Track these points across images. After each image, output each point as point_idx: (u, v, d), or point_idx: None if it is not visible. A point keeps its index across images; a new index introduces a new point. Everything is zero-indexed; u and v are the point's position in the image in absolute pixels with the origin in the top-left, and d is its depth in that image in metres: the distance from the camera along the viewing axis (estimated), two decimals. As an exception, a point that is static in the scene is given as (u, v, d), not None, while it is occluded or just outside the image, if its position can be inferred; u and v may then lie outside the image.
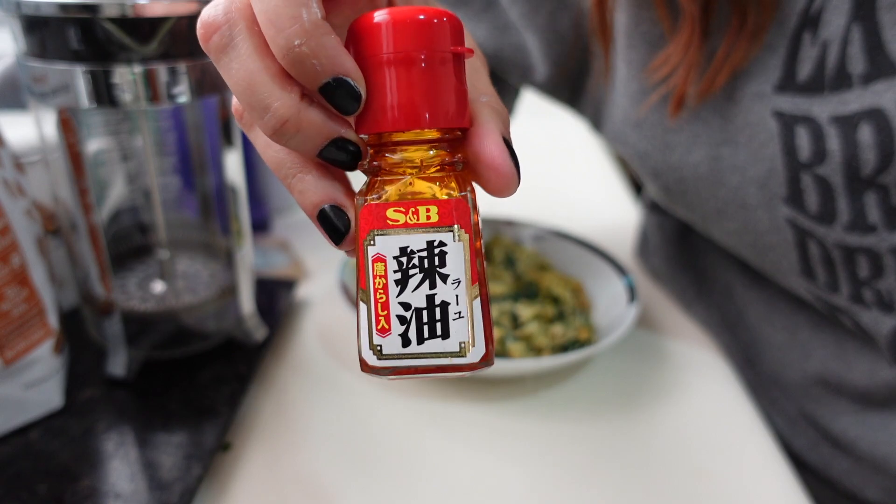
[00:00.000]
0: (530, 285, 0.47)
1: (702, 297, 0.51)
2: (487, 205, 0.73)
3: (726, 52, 0.35)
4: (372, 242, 0.21)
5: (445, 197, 0.21)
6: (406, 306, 0.21)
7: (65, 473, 0.33)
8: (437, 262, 0.21)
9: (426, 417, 0.41)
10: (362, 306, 0.21)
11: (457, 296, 0.21)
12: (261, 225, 0.63)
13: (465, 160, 0.22)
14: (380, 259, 0.21)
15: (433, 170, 0.21)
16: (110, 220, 0.46)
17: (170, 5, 0.32)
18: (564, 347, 0.43)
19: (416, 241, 0.21)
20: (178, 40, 0.33)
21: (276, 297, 0.50)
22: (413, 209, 0.21)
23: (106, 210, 0.46)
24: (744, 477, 0.37)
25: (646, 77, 0.40)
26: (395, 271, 0.21)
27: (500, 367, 0.42)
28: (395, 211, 0.21)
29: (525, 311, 0.44)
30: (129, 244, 0.47)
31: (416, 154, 0.21)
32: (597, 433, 0.40)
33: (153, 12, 0.32)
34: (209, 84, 0.36)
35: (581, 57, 0.45)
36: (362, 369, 0.21)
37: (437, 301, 0.21)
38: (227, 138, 0.39)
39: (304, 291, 0.53)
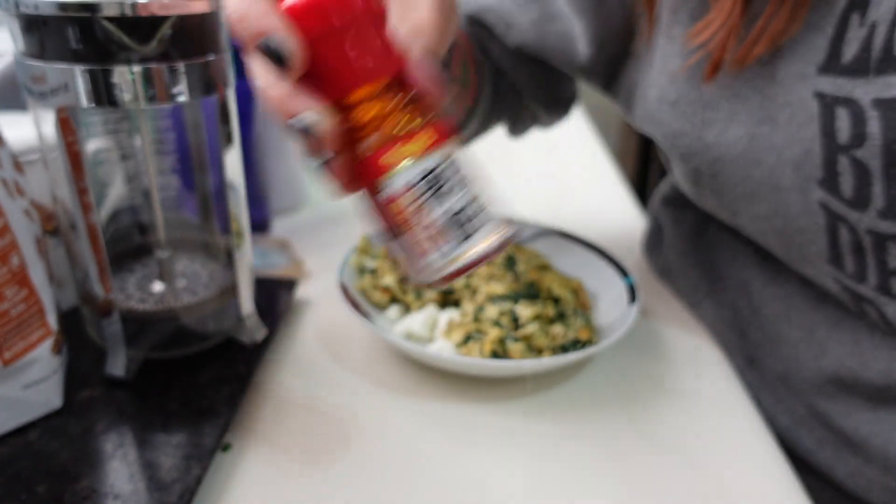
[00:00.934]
0: (531, 285, 0.47)
1: (714, 294, 0.51)
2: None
3: (767, 19, 0.35)
4: (380, 190, 0.24)
5: (420, 129, 0.24)
6: (431, 226, 0.24)
7: (64, 474, 0.33)
8: (440, 182, 0.24)
9: (426, 417, 0.40)
10: (395, 245, 0.25)
11: (467, 200, 0.25)
12: (260, 225, 0.63)
13: (418, 88, 0.24)
14: (391, 201, 0.24)
15: (398, 111, 0.24)
16: (109, 219, 0.46)
17: (169, 4, 0.32)
18: (565, 348, 0.43)
19: (415, 174, 0.24)
20: (177, 40, 0.33)
21: (275, 297, 0.49)
22: (400, 149, 0.24)
23: (105, 210, 0.45)
24: (744, 477, 0.37)
25: (687, 50, 0.40)
26: (409, 204, 0.24)
27: (500, 367, 0.42)
28: (386, 157, 0.24)
29: (525, 311, 0.44)
30: (128, 244, 0.47)
31: (377, 105, 0.24)
32: (597, 433, 0.40)
33: (152, 11, 0.31)
34: (208, 83, 0.35)
35: (624, 40, 0.46)
36: (420, 286, 0.26)
37: (455, 210, 0.24)
38: (227, 138, 0.39)
39: (303, 291, 0.53)
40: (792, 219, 0.39)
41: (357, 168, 0.24)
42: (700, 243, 0.53)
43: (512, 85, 0.54)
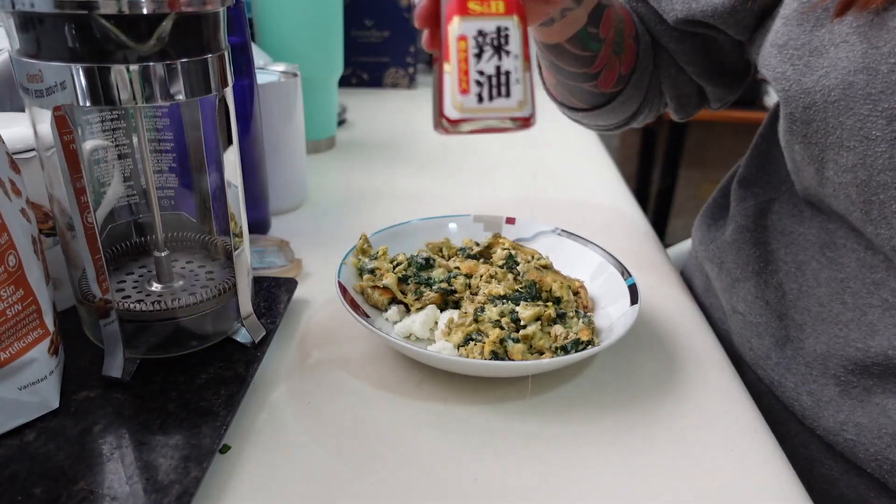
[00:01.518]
0: (531, 286, 0.47)
1: (762, 273, 0.52)
2: (490, 205, 0.72)
3: None
4: (457, 25, 0.30)
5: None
6: (480, 73, 0.30)
7: (61, 476, 0.33)
8: (503, 42, 0.30)
9: (426, 418, 0.40)
10: (446, 76, 0.30)
11: (516, 67, 0.30)
12: (259, 225, 0.62)
13: None
14: (462, 38, 0.30)
15: None
16: (107, 219, 0.46)
17: (167, 2, 0.32)
18: (565, 348, 0.43)
19: (489, 25, 0.30)
20: (175, 38, 0.33)
21: (274, 297, 0.49)
22: (486, 2, 0.30)
23: (102, 209, 0.45)
24: (744, 477, 0.37)
25: None
26: (473, 47, 0.30)
27: (500, 368, 0.41)
28: (473, 3, 0.30)
29: (526, 311, 0.44)
30: (125, 244, 0.47)
31: None
32: (598, 434, 0.40)
33: (150, 9, 0.31)
34: (207, 82, 0.35)
35: None
36: (442, 127, 0.30)
37: (503, 70, 0.30)
38: (226, 137, 0.38)
39: (302, 292, 0.53)
40: (877, 172, 0.39)
41: (451, 4, 0.30)
42: (761, 223, 0.53)
43: (675, 61, 0.58)
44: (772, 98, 2.27)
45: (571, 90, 0.59)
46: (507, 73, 0.30)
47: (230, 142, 0.39)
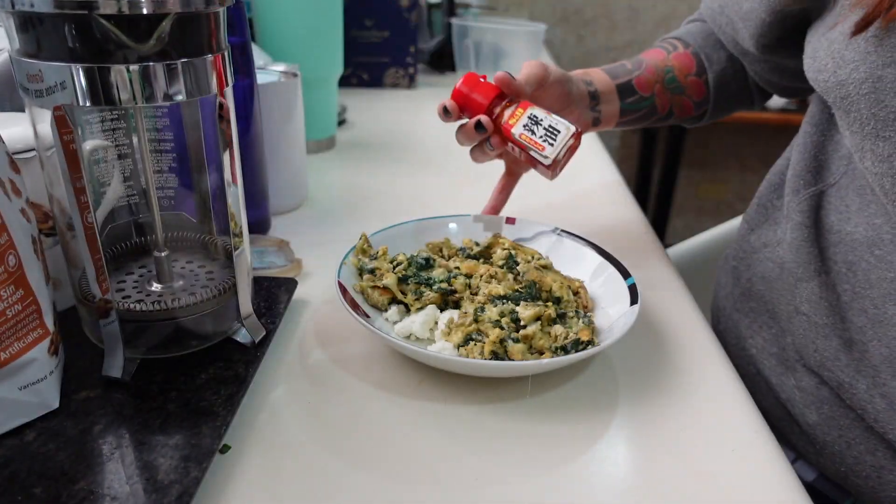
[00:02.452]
0: (531, 286, 0.47)
1: (822, 273, 0.51)
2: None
3: None
4: (514, 136, 0.52)
5: (518, 105, 0.52)
6: (539, 138, 0.51)
7: (61, 476, 0.33)
8: (535, 120, 0.52)
9: (426, 418, 0.40)
10: (531, 159, 0.52)
11: (550, 123, 0.52)
12: (259, 225, 0.62)
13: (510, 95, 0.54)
14: (521, 136, 0.52)
15: (506, 103, 0.53)
16: (107, 219, 0.46)
17: (167, 2, 0.32)
18: (565, 348, 0.43)
19: (524, 120, 0.52)
20: (175, 38, 0.33)
21: (274, 297, 0.49)
22: (514, 115, 0.52)
23: (102, 209, 0.45)
24: (744, 477, 0.37)
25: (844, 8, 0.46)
26: (527, 133, 0.52)
27: (500, 368, 0.41)
28: (509, 120, 0.52)
29: (526, 311, 0.44)
30: (125, 244, 0.47)
31: (497, 105, 0.53)
32: (597, 433, 0.40)
33: (150, 9, 0.31)
34: (207, 82, 0.35)
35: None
36: (552, 170, 0.52)
37: (545, 128, 0.51)
38: (226, 137, 0.38)
39: (302, 291, 0.53)
40: None
41: (501, 134, 0.53)
42: (815, 218, 0.53)
43: (741, 77, 0.67)
44: (772, 98, 2.27)
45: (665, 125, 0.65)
46: (550, 126, 0.51)
47: (230, 142, 0.39)
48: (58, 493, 0.32)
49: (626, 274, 0.49)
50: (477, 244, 0.53)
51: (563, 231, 0.56)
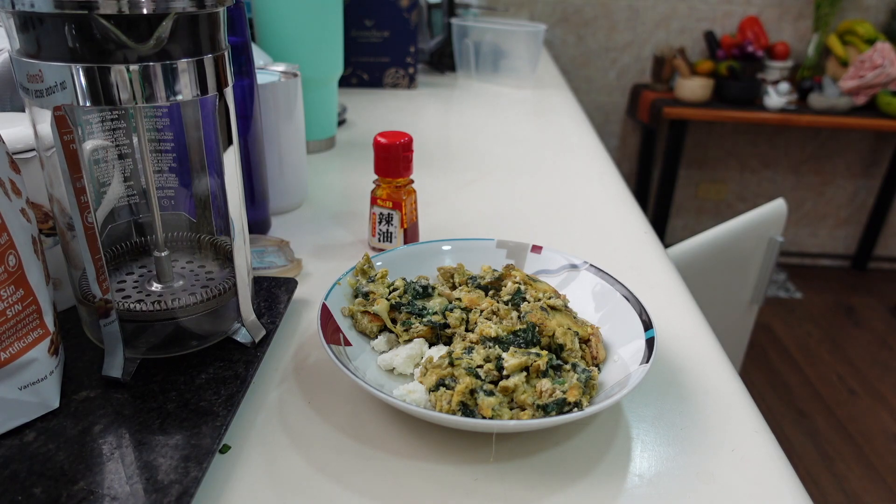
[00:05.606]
0: (531, 329, 0.42)
1: None
2: (487, 204, 0.72)
3: None
4: (374, 212, 0.58)
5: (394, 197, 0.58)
6: (379, 230, 0.59)
7: (61, 476, 0.33)
8: (389, 219, 0.58)
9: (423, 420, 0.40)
10: (375, 226, 0.59)
11: (389, 229, 0.59)
12: (259, 225, 0.62)
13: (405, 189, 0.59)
14: (374, 215, 0.58)
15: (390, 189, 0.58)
16: (107, 219, 0.46)
17: (167, 2, 0.32)
18: (546, 408, 0.37)
19: (380, 211, 0.58)
20: (175, 38, 0.33)
21: (274, 297, 0.49)
22: (384, 203, 0.58)
23: (102, 209, 0.45)
24: (744, 477, 0.37)
25: None
26: (377, 216, 0.58)
27: (459, 423, 0.36)
28: (381, 201, 0.58)
29: (511, 360, 0.39)
30: (125, 244, 0.47)
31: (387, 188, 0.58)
32: (596, 429, 0.40)
33: (150, 9, 0.31)
34: (207, 82, 0.35)
35: None
36: (371, 246, 0.60)
37: (383, 230, 0.59)
38: (226, 137, 0.38)
39: (302, 292, 0.53)
40: None
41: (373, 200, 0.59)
42: None
43: None
44: (772, 98, 2.27)
45: None
46: (387, 230, 0.59)
47: (230, 142, 0.39)
48: (58, 493, 0.32)
49: (647, 324, 0.43)
50: (495, 271, 0.49)
51: (591, 266, 0.50)
